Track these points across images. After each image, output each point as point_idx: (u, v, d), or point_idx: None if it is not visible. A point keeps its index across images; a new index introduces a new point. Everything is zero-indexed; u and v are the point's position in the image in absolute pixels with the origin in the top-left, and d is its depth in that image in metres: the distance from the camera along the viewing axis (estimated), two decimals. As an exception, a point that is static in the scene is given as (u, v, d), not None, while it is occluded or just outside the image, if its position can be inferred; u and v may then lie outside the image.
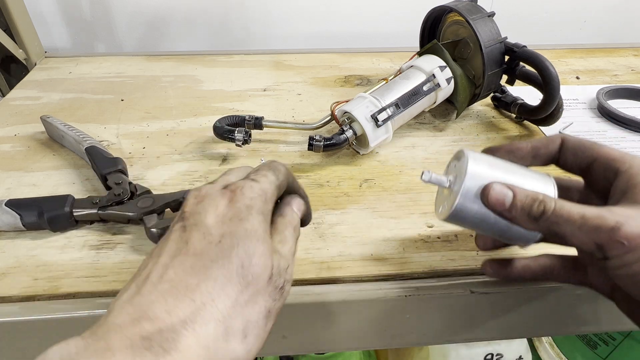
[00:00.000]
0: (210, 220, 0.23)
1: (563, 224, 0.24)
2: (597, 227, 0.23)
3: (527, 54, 0.47)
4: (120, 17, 0.74)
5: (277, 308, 0.23)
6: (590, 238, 0.23)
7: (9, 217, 0.36)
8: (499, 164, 0.28)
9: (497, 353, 0.72)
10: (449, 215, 0.28)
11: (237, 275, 0.21)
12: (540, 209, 0.25)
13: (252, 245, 0.22)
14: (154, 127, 0.52)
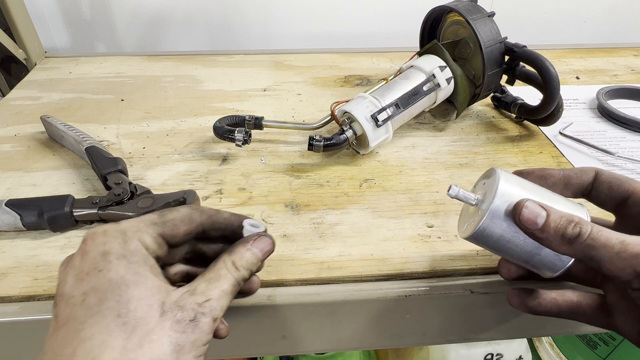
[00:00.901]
0: (70, 282, 0.22)
1: (600, 249, 0.23)
2: (638, 254, 0.22)
3: (527, 54, 0.47)
4: (120, 17, 0.74)
5: (192, 340, 0.22)
6: (629, 265, 0.22)
7: (9, 217, 0.36)
8: (530, 186, 0.27)
9: (497, 353, 0.72)
10: (474, 234, 0.27)
11: (116, 325, 0.20)
12: (576, 231, 0.23)
13: (124, 293, 0.21)
14: (154, 127, 0.52)
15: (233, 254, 0.25)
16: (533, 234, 0.25)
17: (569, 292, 0.29)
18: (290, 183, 0.43)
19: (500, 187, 0.26)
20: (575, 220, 0.24)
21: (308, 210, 0.40)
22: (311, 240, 0.37)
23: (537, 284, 0.32)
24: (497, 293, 0.34)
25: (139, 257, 0.23)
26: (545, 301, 0.29)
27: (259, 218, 0.39)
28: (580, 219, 0.24)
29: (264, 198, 0.41)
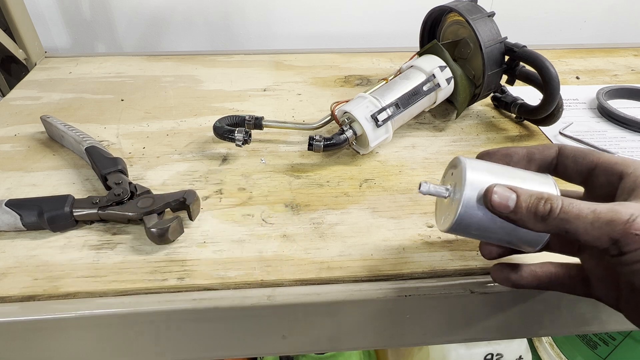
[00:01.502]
0: None
1: (574, 221, 0.23)
2: (611, 221, 0.22)
3: (527, 54, 0.47)
4: (120, 17, 0.74)
5: None
6: (604, 233, 0.23)
7: (9, 217, 0.36)
8: (496, 169, 0.27)
9: (497, 353, 0.72)
10: (452, 226, 0.27)
11: None
12: (547, 207, 0.24)
13: None
14: (154, 127, 0.52)
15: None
16: (507, 217, 0.25)
17: (547, 264, 0.30)
18: (290, 183, 0.43)
19: (468, 176, 0.26)
20: (546, 197, 0.24)
21: (308, 210, 0.40)
22: (311, 240, 0.37)
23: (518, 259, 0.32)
24: (497, 293, 0.34)
25: None
26: (526, 274, 0.29)
27: (258, 218, 0.39)
28: (550, 195, 0.24)
29: (264, 198, 0.41)
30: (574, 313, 0.37)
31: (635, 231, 0.22)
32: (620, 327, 0.39)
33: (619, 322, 0.39)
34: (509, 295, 0.34)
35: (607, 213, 0.23)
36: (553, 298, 0.35)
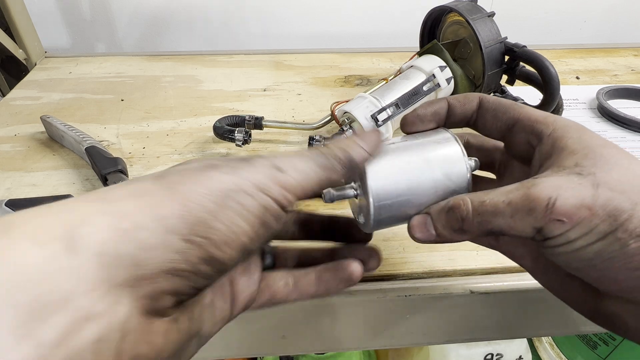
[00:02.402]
0: None
1: (494, 220, 0.21)
2: (530, 210, 0.20)
3: (527, 54, 0.47)
4: (120, 17, 0.74)
5: (226, 162, 0.19)
6: (527, 224, 0.20)
7: (9, 217, 0.36)
8: (397, 164, 0.25)
9: (497, 353, 0.72)
10: (373, 226, 0.25)
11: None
12: (458, 217, 0.22)
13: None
14: (154, 127, 0.52)
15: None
16: (435, 242, 0.24)
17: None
18: (290, 183, 0.43)
19: (367, 168, 0.24)
20: (450, 205, 0.22)
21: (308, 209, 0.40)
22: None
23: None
24: (497, 293, 0.34)
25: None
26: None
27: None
28: (454, 202, 0.22)
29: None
30: (574, 313, 0.37)
31: (556, 217, 0.20)
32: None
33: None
34: (509, 295, 0.34)
35: (524, 202, 0.20)
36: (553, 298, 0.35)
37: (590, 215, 0.19)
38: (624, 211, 0.19)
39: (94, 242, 0.15)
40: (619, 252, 0.19)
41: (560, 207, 0.19)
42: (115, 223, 0.15)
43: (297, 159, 0.20)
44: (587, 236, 0.19)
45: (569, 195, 0.19)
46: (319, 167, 0.20)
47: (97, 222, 0.15)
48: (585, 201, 0.19)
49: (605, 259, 0.19)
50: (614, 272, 0.19)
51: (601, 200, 0.19)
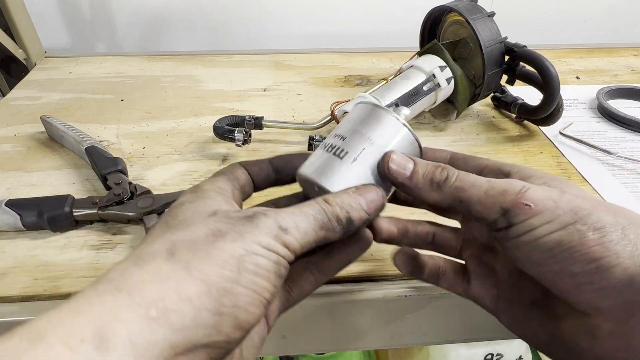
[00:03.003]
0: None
1: (469, 189, 0.23)
2: (504, 191, 0.22)
3: (527, 54, 0.47)
4: (120, 17, 0.74)
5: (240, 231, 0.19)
6: (496, 202, 0.22)
7: (9, 217, 0.36)
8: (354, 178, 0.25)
9: (497, 353, 0.72)
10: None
11: (161, 229, 0.21)
12: (444, 175, 0.24)
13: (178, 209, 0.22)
14: (154, 127, 0.52)
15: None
16: (402, 183, 0.25)
17: (437, 257, 0.30)
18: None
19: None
20: (442, 166, 0.24)
21: (308, 210, 0.40)
22: (311, 240, 0.37)
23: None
24: (497, 293, 0.34)
25: (209, 192, 0.22)
26: (420, 262, 0.29)
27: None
28: (447, 165, 0.25)
29: (264, 198, 0.41)
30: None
31: (525, 201, 0.21)
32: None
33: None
34: (509, 295, 0.34)
35: (501, 184, 0.23)
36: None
37: (555, 206, 0.21)
38: (585, 209, 0.21)
39: (126, 336, 0.15)
40: (578, 242, 0.20)
41: (530, 195, 0.22)
42: (143, 313, 0.16)
43: (299, 218, 0.21)
44: (549, 224, 0.21)
45: (540, 190, 0.22)
46: (320, 227, 0.21)
47: (126, 316, 0.16)
48: (552, 196, 0.22)
49: (564, 249, 0.20)
50: (572, 264, 0.20)
51: (565, 199, 0.21)
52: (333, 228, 0.22)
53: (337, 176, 0.24)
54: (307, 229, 0.21)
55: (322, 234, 0.21)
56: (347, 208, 0.22)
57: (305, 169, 0.25)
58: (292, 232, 0.20)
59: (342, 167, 0.24)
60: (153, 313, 0.16)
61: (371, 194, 0.23)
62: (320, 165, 0.24)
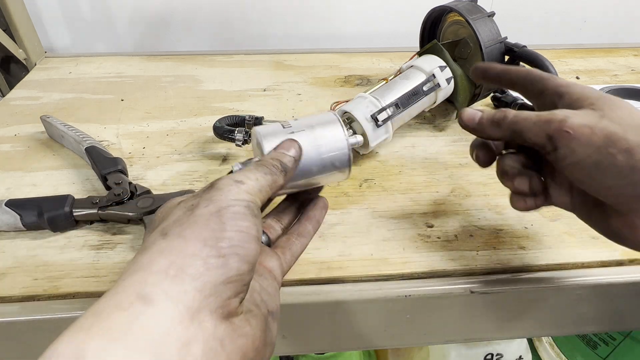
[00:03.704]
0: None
1: (521, 122, 0.28)
2: (549, 120, 0.27)
3: (527, 54, 0.47)
4: (120, 17, 0.74)
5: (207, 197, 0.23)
6: (543, 130, 0.27)
7: (9, 217, 0.36)
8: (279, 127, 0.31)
9: (497, 353, 0.72)
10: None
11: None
12: (502, 115, 0.30)
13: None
14: (154, 127, 0.52)
15: None
16: (473, 128, 0.32)
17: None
18: (290, 183, 0.43)
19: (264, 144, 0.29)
20: (501, 110, 0.30)
21: (308, 210, 0.40)
22: (311, 241, 0.37)
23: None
24: (497, 293, 0.34)
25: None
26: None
27: (259, 218, 0.39)
28: (504, 111, 0.30)
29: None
30: (574, 313, 0.37)
31: (566, 128, 0.26)
32: (620, 327, 0.39)
33: (619, 322, 0.39)
34: (509, 295, 0.34)
35: (547, 115, 0.28)
36: (553, 298, 0.35)
37: (590, 133, 0.26)
38: (616, 134, 0.25)
39: (160, 291, 0.19)
40: (610, 162, 0.25)
41: (570, 123, 0.26)
42: (164, 275, 0.19)
43: (249, 172, 0.25)
44: (586, 147, 0.26)
45: (579, 118, 0.26)
46: (265, 173, 0.26)
47: (153, 280, 0.19)
48: (589, 123, 0.26)
49: (600, 169, 0.26)
50: (607, 178, 0.26)
51: (601, 125, 0.26)
52: (274, 172, 0.26)
53: (273, 139, 0.30)
54: (257, 176, 0.25)
55: (270, 178, 0.25)
56: (278, 156, 0.28)
57: (260, 129, 0.31)
58: (246, 182, 0.24)
59: (280, 135, 0.30)
60: (172, 272, 0.19)
61: (289, 143, 0.29)
62: (267, 131, 0.30)
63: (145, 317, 0.18)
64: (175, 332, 0.18)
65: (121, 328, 0.17)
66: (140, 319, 0.18)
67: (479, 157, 0.34)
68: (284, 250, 0.29)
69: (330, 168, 0.31)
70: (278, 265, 0.28)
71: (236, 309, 0.21)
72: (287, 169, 0.27)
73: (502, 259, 0.35)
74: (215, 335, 0.19)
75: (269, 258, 0.28)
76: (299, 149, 0.29)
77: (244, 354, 0.20)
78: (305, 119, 0.31)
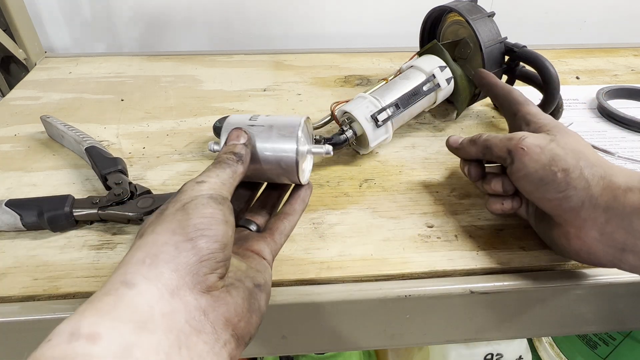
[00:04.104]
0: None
1: (491, 140, 0.35)
2: (511, 138, 0.34)
3: (527, 54, 0.47)
4: (120, 17, 0.74)
5: (182, 199, 0.25)
6: (505, 145, 0.34)
7: (9, 217, 0.36)
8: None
9: (497, 353, 0.72)
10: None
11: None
12: (478, 135, 0.37)
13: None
14: (154, 127, 0.52)
15: None
16: (457, 148, 0.40)
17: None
18: (290, 183, 0.43)
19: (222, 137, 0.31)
20: (477, 134, 0.38)
21: (308, 210, 0.40)
22: (311, 241, 0.37)
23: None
24: (497, 293, 0.34)
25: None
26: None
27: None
28: (481, 133, 0.37)
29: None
30: (574, 313, 0.37)
31: (522, 145, 0.32)
32: (620, 327, 0.39)
33: (619, 322, 0.39)
34: (509, 295, 0.34)
35: (510, 134, 0.34)
36: (553, 298, 0.35)
37: (540, 152, 0.32)
38: (559, 155, 0.31)
39: (141, 276, 0.21)
40: (551, 179, 0.31)
41: (526, 142, 0.33)
42: (141, 264, 0.22)
43: (207, 172, 0.27)
44: (535, 164, 0.32)
45: (533, 139, 0.33)
46: (221, 168, 0.27)
47: (132, 269, 0.22)
48: (540, 144, 0.32)
49: (544, 183, 0.31)
50: (548, 192, 0.31)
51: (549, 147, 0.32)
52: (230, 163, 0.28)
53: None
54: (217, 172, 0.27)
55: (229, 170, 0.27)
56: (230, 148, 0.29)
57: (229, 120, 0.32)
58: (208, 180, 0.26)
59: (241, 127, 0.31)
60: (148, 261, 0.22)
61: (236, 132, 0.30)
62: (231, 122, 0.32)
63: (128, 297, 0.20)
64: (158, 306, 0.21)
65: (109, 308, 0.20)
66: (124, 299, 0.20)
67: (470, 172, 0.39)
68: (272, 232, 0.31)
69: (279, 170, 0.31)
70: (266, 246, 0.30)
71: (215, 283, 0.23)
72: (241, 156, 0.29)
73: (502, 259, 0.35)
74: (197, 307, 0.22)
75: (256, 242, 0.30)
76: (246, 135, 0.30)
77: (226, 319, 0.23)
78: (274, 117, 0.32)
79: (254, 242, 0.30)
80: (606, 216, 0.29)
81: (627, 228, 0.28)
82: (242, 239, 0.30)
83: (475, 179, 0.38)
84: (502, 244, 0.37)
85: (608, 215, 0.29)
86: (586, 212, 0.29)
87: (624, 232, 0.28)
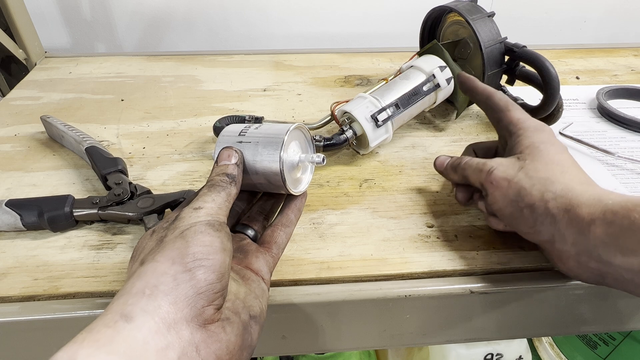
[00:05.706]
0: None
1: (467, 169, 0.35)
2: (481, 171, 0.34)
3: (527, 54, 0.47)
4: (120, 17, 0.74)
5: (173, 223, 0.26)
6: (477, 178, 0.34)
7: (9, 217, 0.36)
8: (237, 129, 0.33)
9: (497, 353, 0.72)
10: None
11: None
12: (458, 161, 0.37)
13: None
14: (154, 127, 0.52)
15: None
16: (442, 172, 0.40)
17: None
18: (290, 183, 0.43)
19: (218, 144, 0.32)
20: (459, 159, 0.37)
21: (308, 210, 0.40)
22: (311, 241, 0.37)
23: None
24: (497, 293, 0.34)
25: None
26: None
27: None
28: (462, 157, 0.37)
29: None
30: (574, 313, 0.37)
31: (490, 180, 0.33)
32: (620, 327, 0.39)
33: (619, 322, 0.39)
34: (509, 295, 0.34)
35: (482, 165, 0.34)
36: (553, 298, 0.35)
37: (507, 186, 0.32)
38: (525, 189, 0.31)
39: (139, 309, 0.21)
40: (519, 215, 0.31)
41: (494, 175, 0.33)
42: (141, 294, 0.22)
43: (202, 197, 0.27)
44: (504, 199, 0.32)
45: (502, 171, 0.33)
46: (216, 192, 0.28)
47: (132, 301, 0.22)
48: (508, 176, 0.32)
49: (515, 219, 0.32)
50: (520, 227, 0.32)
51: (516, 179, 0.32)
52: (224, 186, 0.28)
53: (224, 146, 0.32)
54: (212, 197, 0.27)
55: (224, 193, 0.28)
56: (222, 170, 0.29)
57: (222, 134, 0.33)
58: (204, 206, 0.26)
59: (230, 144, 0.32)
60: (147, 292, 0.22)
61: (226, 152, 0.30)
62: (223, 139, 0.32)
63: (126, 331, 0.20)
64: (153, 341, 0.21)
65: (107, 340, 0.20)
66: (122, 333, 0.20)
67: (457, 197, 0.38)
68: (269, 245, 0.31)
69: (270, 185, 0.32)
70: (264, 264, 0.30)
71: (212, 315, 0.23)
72: (234, 177, 0.29)
73: (502, 259, 0.35)
74: (191, 342, 0.22)
75: (254, 259, 0.30)
76: (237, 155, 0.30)
77: (217, 357, 0.23)
78: (263, 130, 0.32)
79: (253, 258, 0.30)
80: (576, 249, 0.29)
81: (598, 259, 0.28)
82: (241, 250, 0.30)
83: (463, 203, 0.38)
84: (501, 244, 0.37)
85: (577, 249, 0.29)
86: (558, 244, 0.30)
87: (595, 263, 0.28)
